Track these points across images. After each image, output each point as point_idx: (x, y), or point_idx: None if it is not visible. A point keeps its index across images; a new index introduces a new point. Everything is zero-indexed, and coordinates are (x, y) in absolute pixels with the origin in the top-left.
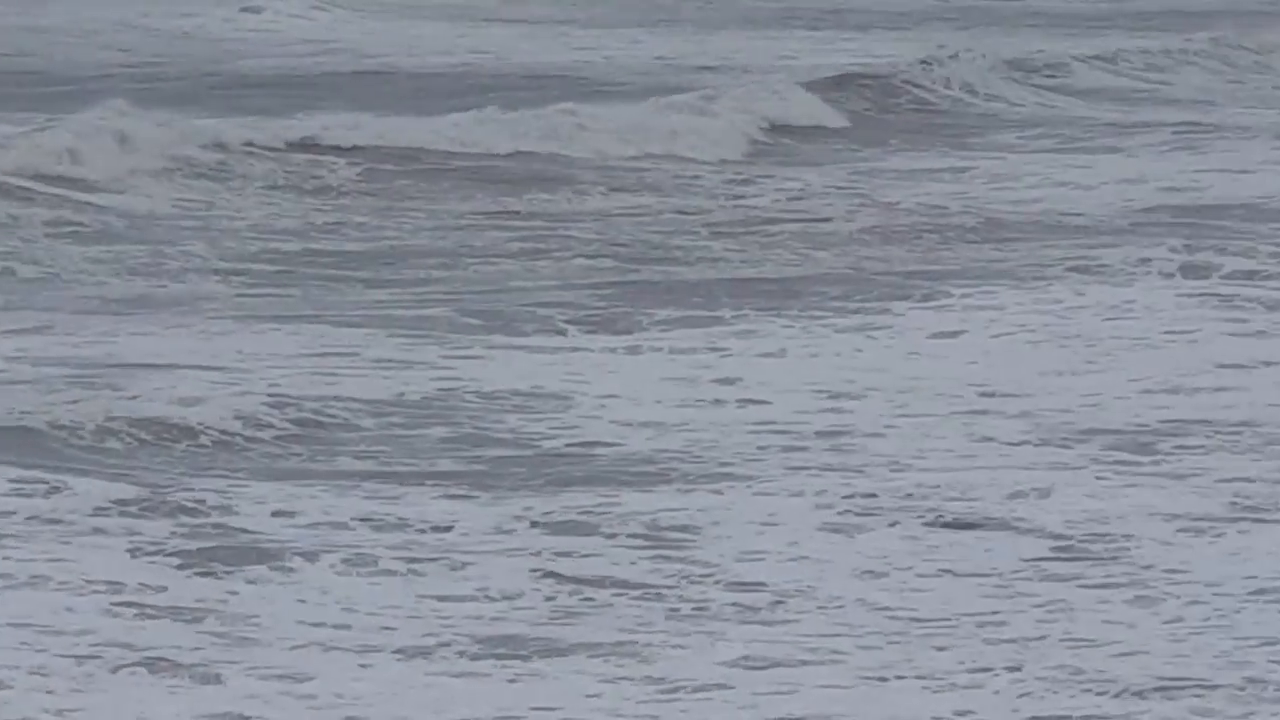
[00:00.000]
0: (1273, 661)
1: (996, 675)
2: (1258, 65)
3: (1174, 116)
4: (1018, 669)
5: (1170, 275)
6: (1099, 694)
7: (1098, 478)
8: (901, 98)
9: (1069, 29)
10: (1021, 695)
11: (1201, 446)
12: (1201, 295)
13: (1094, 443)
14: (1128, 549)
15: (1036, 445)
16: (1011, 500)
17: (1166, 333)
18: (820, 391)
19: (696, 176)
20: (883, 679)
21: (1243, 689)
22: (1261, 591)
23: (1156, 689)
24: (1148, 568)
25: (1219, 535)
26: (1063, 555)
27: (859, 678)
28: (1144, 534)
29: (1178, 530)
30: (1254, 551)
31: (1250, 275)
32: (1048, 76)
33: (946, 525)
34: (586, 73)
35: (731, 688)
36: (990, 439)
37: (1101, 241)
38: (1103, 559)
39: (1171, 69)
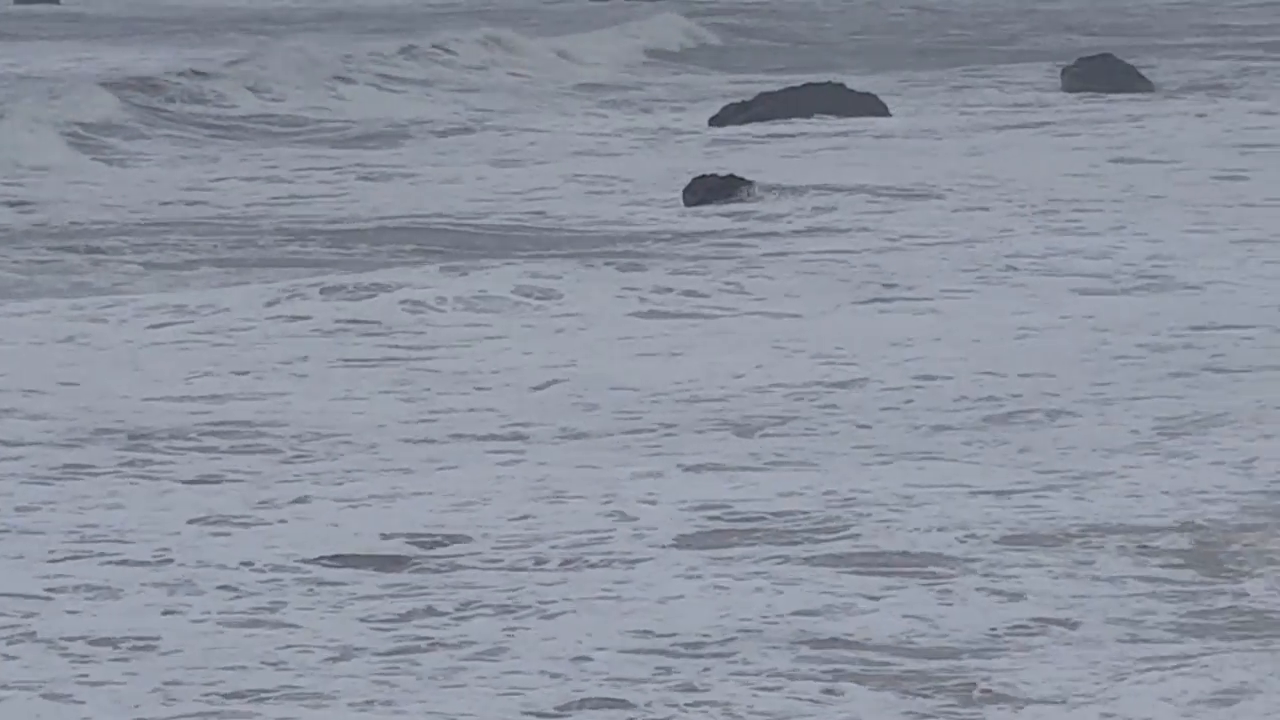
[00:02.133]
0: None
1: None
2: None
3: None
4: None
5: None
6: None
7: (118, 478)
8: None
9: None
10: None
11: (213, 447)
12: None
13: (110, 444)
14: (164, 547)
15: (53, 447)
16: (25, 511)
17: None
18: None
19: None
20: None
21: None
22: (277, 580)
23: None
24: (169, 562)
25: (246, 526)
26: (82, 555)
27: None
28: (167, 530)
29: (199, 527)
30: (295, 540)
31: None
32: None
33: None
34: None
35: None
36: (9, 441)
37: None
38: (142, 557)
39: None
